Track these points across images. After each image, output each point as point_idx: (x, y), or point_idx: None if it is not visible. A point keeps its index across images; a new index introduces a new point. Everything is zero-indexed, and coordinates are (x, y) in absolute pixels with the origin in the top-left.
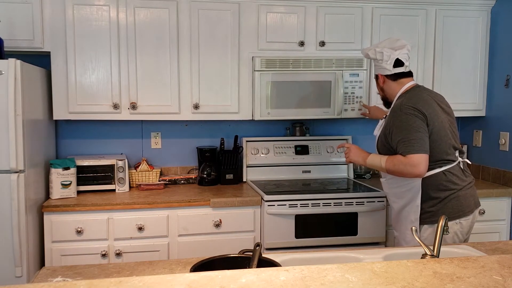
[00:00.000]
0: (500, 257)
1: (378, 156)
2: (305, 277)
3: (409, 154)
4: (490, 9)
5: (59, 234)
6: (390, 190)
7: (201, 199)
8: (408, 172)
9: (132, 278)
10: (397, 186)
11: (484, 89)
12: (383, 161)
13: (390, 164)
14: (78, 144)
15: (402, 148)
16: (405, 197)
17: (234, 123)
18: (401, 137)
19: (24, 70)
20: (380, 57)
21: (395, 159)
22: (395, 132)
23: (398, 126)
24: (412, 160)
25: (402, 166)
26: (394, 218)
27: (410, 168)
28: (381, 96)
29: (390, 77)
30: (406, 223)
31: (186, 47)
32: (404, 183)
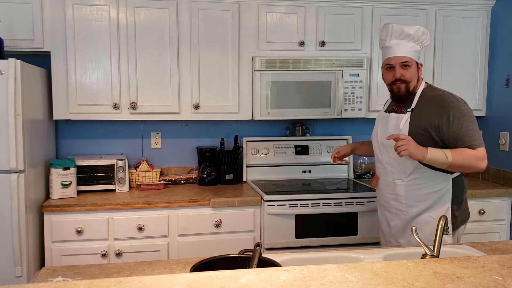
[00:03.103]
0: (500, 257)
1: (438, 150)
2: (305, 277)
3: (477, 147)
4: (490, 9)
5: (59, 234)
6: (409, 192)
7: (201, 199)
8: (477, 166)
9: (132, 278)
10: (423, 187)
11: (484, 89)
12: (448, 155)
13: (459, 158)
14: (78, 144)
15: (469, 141)
16: (431, 199)
17: (234, 123)
18: (466, 129)
19: (24, 70)
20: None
21: (464, 152)
22: (456, 123)
23: (460, 117)
24: (481, 154)
25: (473, 160)
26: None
27: (480, 161)
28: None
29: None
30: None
31: (186, 47)
32: (433, 184)
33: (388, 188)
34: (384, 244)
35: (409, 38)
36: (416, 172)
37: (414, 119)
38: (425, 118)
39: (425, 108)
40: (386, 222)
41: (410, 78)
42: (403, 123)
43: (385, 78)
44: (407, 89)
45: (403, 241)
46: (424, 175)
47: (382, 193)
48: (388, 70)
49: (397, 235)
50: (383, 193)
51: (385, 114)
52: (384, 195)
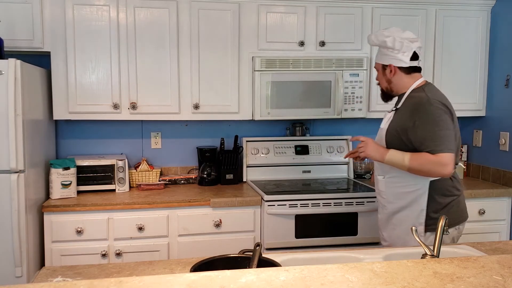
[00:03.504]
0: (500, 257)
1: (398, 152)
2: (305, 277)
3: (438, 152)
4: (490, 9)
5: (59, 234)
6: (388, 189)
7: (201, 199)
8: (436, 172)
9: (132, 278)
10: (400, 186)
11: (484, 89)
12: (406, 159)
13: (416, 163)
14: (78, 144)
15: (431, 146)
16: (406, 198)
17: (234, 123)
18: (429, 133)
19: (24, 70)
20: (398, 47)
21: (421, 157)
22: (421, 127)
23: (427, 121)
24: (442, 159)
25: (431, 165)
26: (383, 222)
27: (439, 167)
28: (385, 87)
29: (403, 70)
30: (403, 228)
31: (186, 47)
32: (411, 183)
33: (376, 183)
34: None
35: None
36: (394, 170)
37: (393, 119)
38: (399, 119)
39: (403, 110)
40: (378, 213)
41: (378, 80)
42: (384, 122)
43: None
44: (382, 91)
45: (386, 234)
46: (402, 174)
47: (375, 187)
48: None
49: (382, 227)
50: (375, 187)
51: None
52: (375, 189)
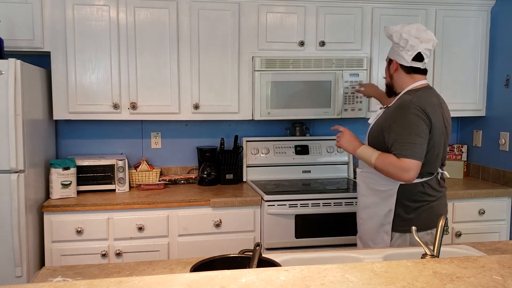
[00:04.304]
0: (500, 257)
1: (369, 149)
2: (305, 277)
3: (403, 157)
4: (490, 9)
5: (59, 234)
6: (363, 183)
7: (201, 199)
8: (397, 175)
9: (132, 278)
10: (372, 182)
11: (484, 89)
12: (373, 157)
13: (381, 163)
14: (78, 144)
15: (398, 149)
16: (377, 195)
17: (234, 123)
18: (400, 137)
19: (24, 70)
20: (403, 44)
21: (386, 158)
22: (394, 129)
23: (400, 125)
24: (404, 164)
25: (392, 168)
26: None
27: (400, 172)
28: (387, 82)
29: (404, 68)
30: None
31: (186, 47)
32: (381, 182)
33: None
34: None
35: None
36: (367, 165)
37: (380, 117)
38: (383, 118)
39: (389, 109)
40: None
41: (387, 78)
42: (372, 118)
43: None
44: (386, 85)
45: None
46: (373, 171)
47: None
48: None
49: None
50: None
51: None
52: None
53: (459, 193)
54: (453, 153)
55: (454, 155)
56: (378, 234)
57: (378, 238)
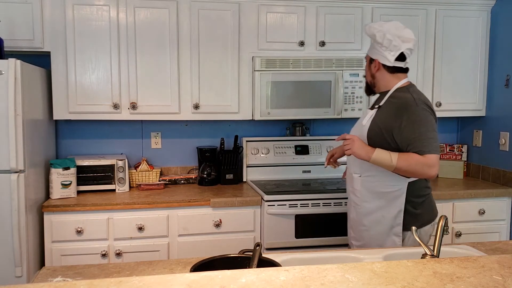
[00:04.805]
0: (500, 257)
1: (385, 151)
2: (305, 277)
3: (427, 153)
4: (490, 9)
5: (59, 234)
6: (364, 188)
7: (201, 199)
8: (424, 172)
9: (132, 278)
10: (378, 185)
11: (484, 89)
12: (394, 159)
13: (405, 163)
14: (78, 144)
15: (419, 147)
16: (384, 198)
17: (234, 123)
18: (418, 134)
19: (24, 70)
20: (386, 44)
21: (410, 157)
22: (409, 128)
23: (414, 122)
24: (430, 160)
25: (419, 166)
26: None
27: (427, 168)
28: (369, 80)
29: (387, 68)
30: (380, 229)
31: (186, 47)
32: (389, 184)
33: (350, 181)
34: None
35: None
36: (372, 169)
37: (376, 117)
38: (383, 118)
39: (387, 108)
40: (349, 213)
41: (364, 72)
42: (366, 119)
43: None
44: (366, 84)
45: (358, 234)
46: (380, 173)
47: (347, 185)
48: None
49: (353, 227)
50: (347, 185)
51: (366, 110)
52: (347, 187)
53: (459, 193)
54: (453, 153)
55: (454, 155)
56: (387, 238)
57: (388, 242)
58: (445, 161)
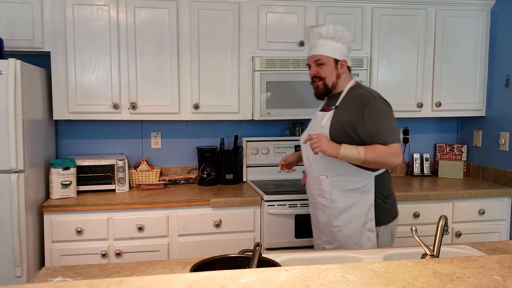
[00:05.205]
0: (500, 257)
1: (352, 146)
2: (305, 277)
3: (391, 143)
4: (490, 9)
5: (59, 234)
6: (333, 188)
7: (201, 199)
8: (391, 162)
9: (132, 278)
10: (346, 183)
11: (484, 89)
12: (361, 151)
13: (372, 154)
14: (78, 144)
15: (383, 137)
16: (353, 195)
17: (234, 123)
18: (380, 126)
19: (24, 70)
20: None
21: (376, 148)
22: (371, 121)
23: (376, 115)
24: (394, 149)
25: (386, 156)
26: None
27: (393, 157)
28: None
29: (348, 68)
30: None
31: (186, 47)
32: (357, 180)
33: (315, 184)
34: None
35: (324, 37)
36: (339, 168)
37: (335, 117)
38: (343, 116)
39: (346, 106)
40: (316, 217)
41: (325, 75)
42: (325, 120)
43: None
44: (325, 86)
45: (330, 237)
46: (348, 171)
47: (310, 189)
48: (309, 69)
49: (324, 231)
50: (311, 189)
51: (316, 113)
52: (312, 191)
53: (459, 193)
54: (453, 153)
55: (454, 155)
56: (362, 235)
57: (363, 239)
58: (445, 161)
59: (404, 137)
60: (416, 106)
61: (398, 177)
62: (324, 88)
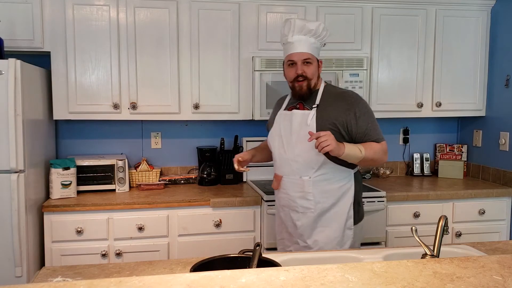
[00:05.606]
0: (500, 257)
1: (353, 144)
2: (305, 277)
3: (382, 141)
4: (490, 9)
5: (59, 234)
6: (316, 188)
7: (201, 199)
8: (383, 159)
9: (132, 278)
10: (328, 183)
11: (484, 89)
12: (362, 149)
13: (371, 152)
14: (78, 144)
15: (375, 135)
16: (335, 194)
17: (234, 123)
18: (371, 124)
19: (24, 70)
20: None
21: (372, 146)
22: (363, 119)
23: (366, 113)
24: (385, 147)
25: (381, 153)
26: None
27: (384, 154)
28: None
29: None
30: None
31: (186, 47)
32: (339, 178)
33: (295, 186)
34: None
35: (311, 34)
36: (322, 167)
37: (320, 115)
38: (332, 114)
39: (331, 104)
40: (292, 222)
41: (312, 75)
42: (310, 118)
43: (287, 75)
44: (309, 87)
45: (311, 241)
46: (331, 170)
47: (288, 192)
48: (290, 66)
49: (305, 234)
50: (289, 192)
51: (287, 112)
52: (289, 194)
53: (459, 193)
54: (453, 153)
55: (454, 155)
56: (343, 234)
57: (344, 238)
58: (445, 161)
59: (404, 137)
60: (416, 106)
61: (398, 177)
62: (307, 89)
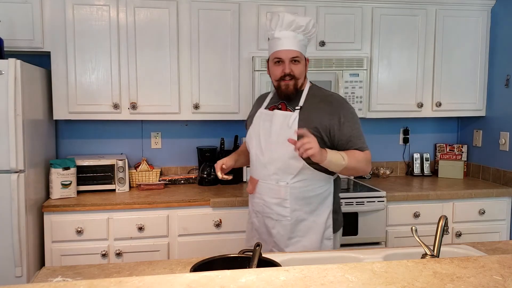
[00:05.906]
0: (500, 257)
1: (335, 151)
2: (305, 277)
3: (366, 149)
4: (490, 9)
5: (59, 234)
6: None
7: (201, 199)
8: (365, 169)
9: (132, 278)
10: (307, 190)
11: (484, 89)
12: (345, 157)
13: (353, 160)
14: (78, 144)
15: (359, 143)
16: (313, 202)
17: (234, 123)
18: (356, 131)
19: (24, 70)
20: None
21: (355, 154)
22: (347, 125)
23: (351, 119)
24: (369, 156)
25: (364, 163)
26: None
27: (367, 164)
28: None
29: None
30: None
31: (186, 47)
32: (318, 185)
33: (271, 192)
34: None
35: (300, 30)
36: (301, 173)
37: (303, 118)
38: (315, 118)
39: (315, 107)
40: (266, 229)
41: (299, 75)
42: (291, 121)
43: (272, 73)
44: (295, 86)
45: (289, 249)
46: (309, 176)
47: (263, 198)
48: (277, 64)
49: (281, 243)
50: (264, 198)
51: (268, 112)
52: (265, 200)
53: (459, 193)
54: (453, 153)
55: (454, 155)
56: (321, 244)
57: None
58: (445, 161)
59: (404, 137)
60: (416, 106)
61: (398, 177)
62: (293, 89)
